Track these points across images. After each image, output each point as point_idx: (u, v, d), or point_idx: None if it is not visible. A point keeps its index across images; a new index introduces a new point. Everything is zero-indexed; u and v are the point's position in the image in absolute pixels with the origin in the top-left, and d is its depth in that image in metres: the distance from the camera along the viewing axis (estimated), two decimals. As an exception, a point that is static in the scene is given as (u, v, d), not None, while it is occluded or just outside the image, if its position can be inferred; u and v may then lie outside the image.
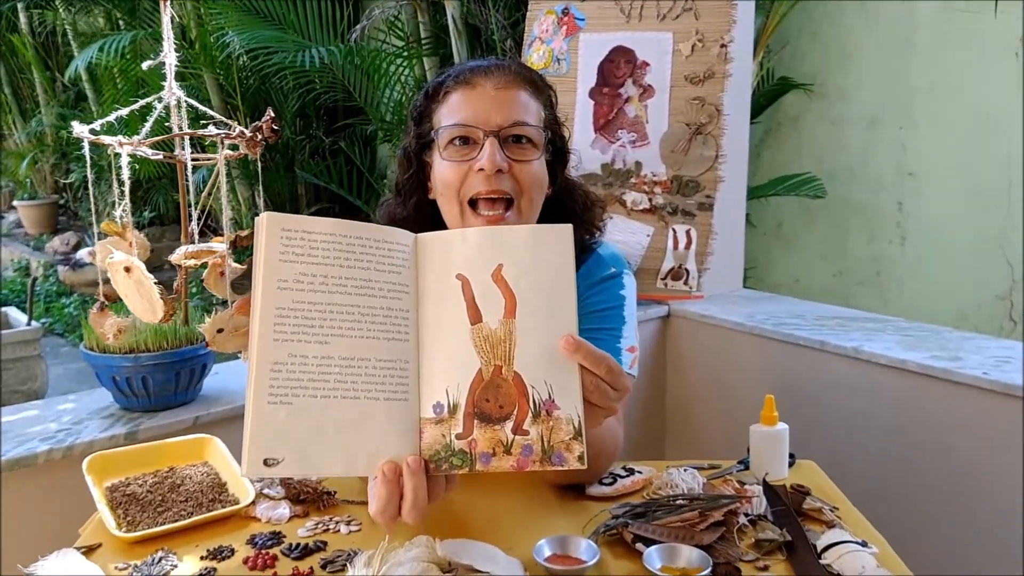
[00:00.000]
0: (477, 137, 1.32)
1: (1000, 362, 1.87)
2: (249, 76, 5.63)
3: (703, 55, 2.30)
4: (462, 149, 1.33)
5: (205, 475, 1.31)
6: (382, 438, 0.99)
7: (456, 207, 1.34)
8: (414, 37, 4.85)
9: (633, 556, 1.10)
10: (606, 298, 1.41)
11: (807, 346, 2.06)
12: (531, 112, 1.35)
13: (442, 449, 1.00)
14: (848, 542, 1.09)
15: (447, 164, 1.34)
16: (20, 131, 9.54)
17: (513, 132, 1.32)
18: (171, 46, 1.36)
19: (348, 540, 1.17)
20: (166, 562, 1.11)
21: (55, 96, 9.16)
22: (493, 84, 1.34)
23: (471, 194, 1.32)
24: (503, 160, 1.30)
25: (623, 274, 1.46)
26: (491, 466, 0.99)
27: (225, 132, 1.35)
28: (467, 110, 1.33)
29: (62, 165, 9.33)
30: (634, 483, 1.28)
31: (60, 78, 8.92)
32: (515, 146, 1.33)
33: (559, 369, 1.00)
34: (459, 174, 1.32)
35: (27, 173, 9.40)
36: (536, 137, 1.34)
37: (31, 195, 9.68)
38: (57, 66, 9.02)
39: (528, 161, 1.33)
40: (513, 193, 1.32)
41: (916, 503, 1.92)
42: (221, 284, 1.27)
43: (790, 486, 1.26)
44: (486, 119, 1.31)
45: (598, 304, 1.40)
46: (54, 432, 1.64)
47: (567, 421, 0.99)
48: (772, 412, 1.29)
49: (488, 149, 1.29)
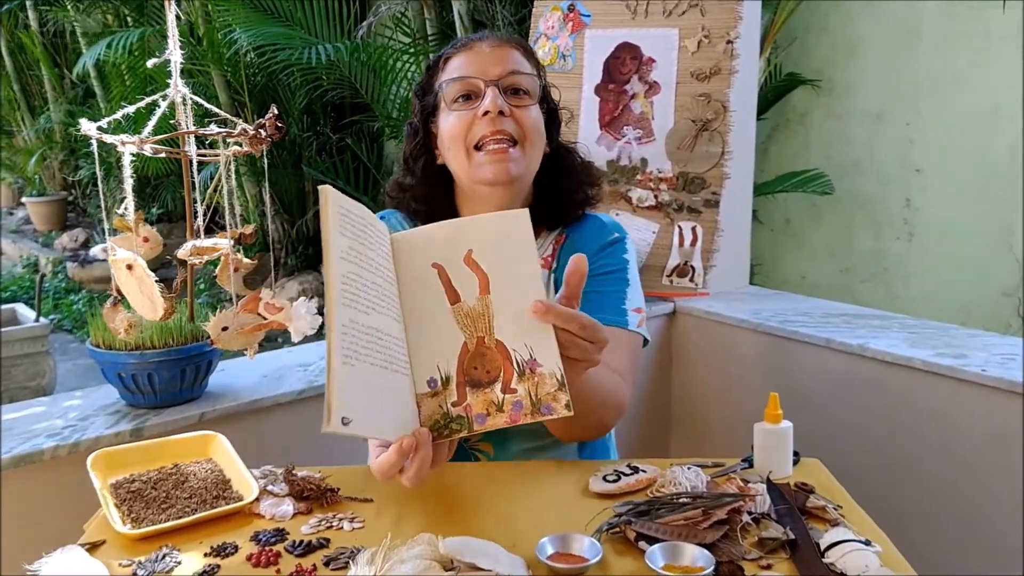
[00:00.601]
0: (478, 89, 1.45)
1: (1006, 359, 1.86)
2: (257, 73, 5.66)
3: (709, 51, 2.29)
4: (465, 103, 1.46)
5: (209, 472, 1.31)
6: (401, 408, 1.09)
7: (463, 154, 1.46)
8: (420, 34, 4.87)
9: (636, 554, 1.10)
10: (611, 262, 1.51)
11: (813, 343, 2.06)
12: (525, 66, 1.49)
13: (441, 418, 1.11)
14: (851, 541, 1.09)
15: (453, 116, 1.46)
16: (29, 128, 9.60)
17: (510, 81, 1.45)
18: (176, 44, 1.36)
19: (351, 537, 1.17)
20: (170, 559, 1.12)
21: (63, 93, 9.21)
22: (488, 44, 1.48)
23: (477, 139, 1.44)
24: (504, 104, 1.43)
25: (625, 239, 1.56)
26: (487, 424, 1.10)
27: (227, 130, 1.36)
28: (467, 67, 1.47)
29: (71, 162, 9.39)
30: (638, 481, 1.28)
31: (68, 75, 8.97)
32: (513, 96, 1.46)
33: (535, 331, 1.11)
34: (465, 123, 1.44)
35: (36, 170, 9.46)
36: (531, 87, 1.48)
37: (40, 192, 9.73)
38: (65, 63, 9.06)
39: (526, 106, 1.46)
40: (516, 135, 1.45)
41: (921, 500, 1.92)
42: (234, 279, 1.28)
43: (794, 484, 1.26)
44: (485, 71, 1.45)
45: (604, 267, 1.50)
46: (60, 429, 1.65)
47: (550, 376, 1.10)
48: (776, 410, 1.29)
49: (490, 95, 1.43)
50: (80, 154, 8.79)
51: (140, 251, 1.27)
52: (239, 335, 1.36)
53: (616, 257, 1.53)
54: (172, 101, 1.35)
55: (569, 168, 1.57)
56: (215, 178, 1.39)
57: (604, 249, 1.52)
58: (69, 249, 8.19)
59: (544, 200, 1.55)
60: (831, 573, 1.04)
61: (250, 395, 1.81)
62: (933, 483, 1.90)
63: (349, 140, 5.76)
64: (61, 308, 6.70)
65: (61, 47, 9.05)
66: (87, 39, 7.54)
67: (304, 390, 1.85)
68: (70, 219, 9.62)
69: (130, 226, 1.26)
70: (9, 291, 7.24)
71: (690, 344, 2.35)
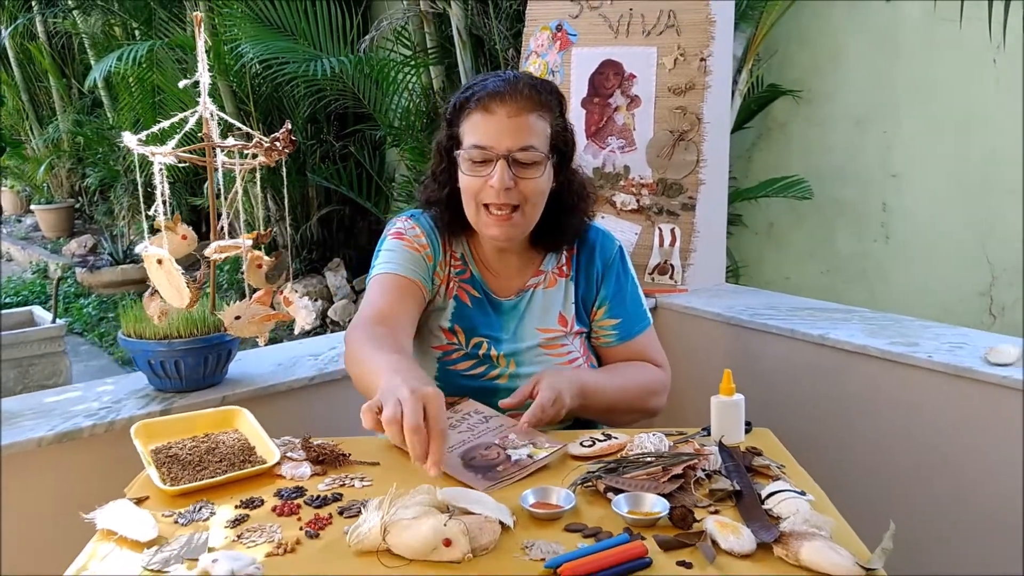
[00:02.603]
0: (491, 158, 1.61)
1: (954, 347, 2.03)
2: (262, 84, 5.81)
3: (684, 68, 2.48)
4: (479, 167, 1.64)
5: (236, 440, 1.50)
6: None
7: (473, 208, 1.67)
8: (420, 47, 5.01)
9: (604, 503, 1.28)
10: (623, 271, 1.86)
11: (778, 334, 2.24)
12: (537, 133, 1.64)
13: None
14: (788, 491, 1.28)
15: (468, 177, 1.65)
16: (37, 137, 9.75)
17: (520, 156, 1.62)
18: (205, 66, 1.55)
19: (361, 493, 1.35)
20: (206, 510, 1.30)
21: (71, 103, 9.36)
22: (506, 111, 1.62)
23: (485, 201, 1.64)
24: (510, 180, 1.61)
25: (620, 244, 1.89)
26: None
27: (245, 143, 1.54)
28: (483, 135, 1.63)
29: (78, 170, 9.53)
30: (611, 446, 1.47)
31: (76, 85, 9.13)
32: (520, 168, 1.62)
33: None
34: (477, 185, 1.64)
35: (44, 178, 9.61)
36: (539, 158, 1.64)
37: (48, 199, 9.89)
38: (73, 73, 9.22)
39: (532, 179, 1.63)
40: (519, 201, 1.64)
41: (877, 477, 2.09)
42: (258, 275, 1.47)
43: (744, 448, 1.45)
44: (498, 143, 1.61)
45: (624, 281, 1.85)
46: (96, 410, 1.83)
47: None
48: (730, 384, 1.48)
49: (498, 171, 1.61)
50: (87, 163, 8.96)
51: (179, 247, 1.46)
52: (250, 323, 1.55)
53: (625, 267, 1.86)
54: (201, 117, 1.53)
55: (570, 205, 1.77)
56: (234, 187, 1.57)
57: (617, 262, 1.85)
58: (78, 255, 8.35)
59: (547, 229, 1.76)
60: (768, 516, 1.23)
61: (266, 381, 1.98)
62: (889, 459, 2.07)
63: (352, 148, 5.92)
64: (72, 312, 6.87)
65: (69, 58, 9.22)
66: (95, 51, 7.72)
67: (315, 377, 2.03)
68: (77, 226, 9.79)
69: (170, 225, 1.44)
70: (21, 295, 7.41)
71: (669, 336, 2.52)
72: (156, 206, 1.48)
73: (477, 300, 1.77)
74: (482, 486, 1.33)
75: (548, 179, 1.68)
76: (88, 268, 7.53)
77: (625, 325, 1.83)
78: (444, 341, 1.74)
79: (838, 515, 1.25)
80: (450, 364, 1.73)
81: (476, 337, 1.73)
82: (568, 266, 1.82)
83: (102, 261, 7.67)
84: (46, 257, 8.72)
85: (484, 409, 1.58)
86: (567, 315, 1.79)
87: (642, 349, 1.86)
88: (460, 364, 1.73)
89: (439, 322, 1.75)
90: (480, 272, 1.78)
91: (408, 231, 1.76)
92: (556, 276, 1.81)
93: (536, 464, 1.40)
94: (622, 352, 1.84)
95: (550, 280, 1.80)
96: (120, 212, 8.29)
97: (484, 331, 1.74)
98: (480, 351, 1.73)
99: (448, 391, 1.68)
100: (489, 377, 1.73)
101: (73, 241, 8.89)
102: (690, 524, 1.20)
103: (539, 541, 1.18)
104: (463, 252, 1.78)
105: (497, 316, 1.77)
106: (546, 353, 1.75)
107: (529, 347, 1.75)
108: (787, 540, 1.13)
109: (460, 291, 1.77)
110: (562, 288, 1.80)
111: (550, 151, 1.67)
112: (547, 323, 1.77)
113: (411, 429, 1.20)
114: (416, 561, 1.13)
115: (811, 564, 1.09)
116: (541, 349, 1.75)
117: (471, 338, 1.73)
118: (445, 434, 1.24)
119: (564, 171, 1.74)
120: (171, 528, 1.26)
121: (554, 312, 1.78)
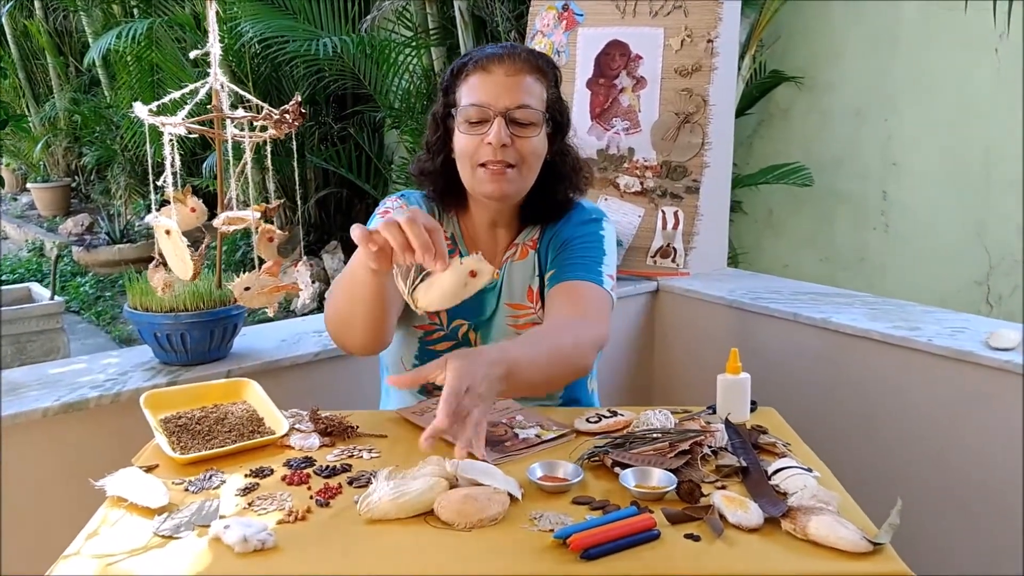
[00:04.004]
0: (488, 116, 1.60)
1: (955, 331, 2.04)
2: (261, 63, 5.79)
3: (691, 50, 2.48)
4: (477, 127, 1.62)
5: (244, 411, 1.50)
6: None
7: (469, 169, 1.65)
8: (422, 28, 5.00)
9: (611, 477, 1.29)
10: (587, 234, 1.71)
11: (781, 317, 2.25)
12: (534, 95, 1.63)
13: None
14: (794, 467, 1.29)
15: (464, 136, 1.62)
16: (34, 115, 9.72)
17: (517, 114, 1.60)
18: (216, 38, 1.54)
19: (369, 464, 1.36)
20: (216, 478, 1.31)
21: (68, 81, 9.32)
22: (504, 71, 1.62)
23: (481, 159, 1.61)
24: (507, 136, 1.59)
25: (602, 220, 1.75)
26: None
27: (254, 114, 1.54)
28: (482, 93, 1.61)
29: (75, 149, 9.51)
30: (616, 423, 1.48)
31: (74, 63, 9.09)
32: (517, 127, 1.61)
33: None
34: (473, 144, 1.62)
35: (40, 156, 9.58)
36: (536, 117, 1.62)
37: (44, 178, 9.87)
38: (71, 51, 9.18)
39: (528, 138, 1.61)
40: (515, 161, 1.62)
41: (877, 459, 2.10)
42: (269, 248, 1.47)
43: (750, 426, 1.46)
44: (496, 100, 1.60)
45: (580, 239, 1.70)
46: (102, 381, 1.83)
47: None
48: (736, 363, 1.48)
49: (495, 127, 1.59)
50: (84, 141, 8.93)
51: (188, 219, 1.46)
52: (259, 295, 1.55)
53: (593, 231, 1.73)
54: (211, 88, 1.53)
55: (560, 175, 1.73)
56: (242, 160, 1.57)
57: (582, 225, 1.74)
58: (74, 234, 8.34)
59: (534, 201, 1.73)
60: (775, 492, 1.24)
61: (271, 356, 1.99)
62: (887, 444, 2.09)
63: (351, 130, 5.90)
64: (68, 290, 6.86)
65: (66, 36, 9.17)
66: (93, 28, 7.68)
67: (319, 352, 2.03)
68: (74, 205, 9.77)
69: (180, 197, 1.44)
70: (17, 273, 7.40)
71: (671, 319, 2.54)
72: (165, 176, 1.48)
73: None
74: (490, 458, 1.34)
75: (543, 143, 1.66)
76: (85, 247, 7.52)
77: (562, 270, 1.67)
78: (427, 321, 1.72)
79: (843, 491, 1.26)
80: (430, 344, 1.72)
81: (458, 319, 1.72)
82: (539, 239, 1.76)
83: (99, 240, 7.66)
84: (42, 236, 8.70)
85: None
86: (534, 287, 1.74)
87: (576, 294, 1.63)
88: (440, 345, 1.72)
89: None
90: (469, 251, 1.78)
91: (396, 211, 1.74)
92: (528, 248, 1.75)
93: (543, 444, 1.40)
94: (552, 295, 1.66)
95: (521, 252, 1.75)
96: (117, 191, 8.27)
97: (466, 314, 1.71)
98: (460, 332, 1.72)
99: None
100: None
101: (69, 220, 8.86)
102: (697, 499, 1.21)
103: (547, 512, 1.19)
104: (453, 232, 1.76)
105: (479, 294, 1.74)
106: (516, 332, 1.71)
107: (499, 323, 1.72)
108: (795, 515, 1.14)
109: None
110: (532, 260, 1.75)
111: (546, 116, 1.66)
112: (515, 298, 1.73)
113: (407, 220, 1.20)
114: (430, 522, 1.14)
115: (819, 538, 1.10)
116: (509, 328, 1.72)
117: (453, 319, 1.72)
118: (441, 230, 1.22)
119: (558, 142, 1.71)
120: (181, 495, 1.26)
121: (523, 286, 1.74)
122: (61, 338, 4.35)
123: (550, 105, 1.67)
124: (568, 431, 1.45)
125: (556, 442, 1.42)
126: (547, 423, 1.47)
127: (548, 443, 1.41)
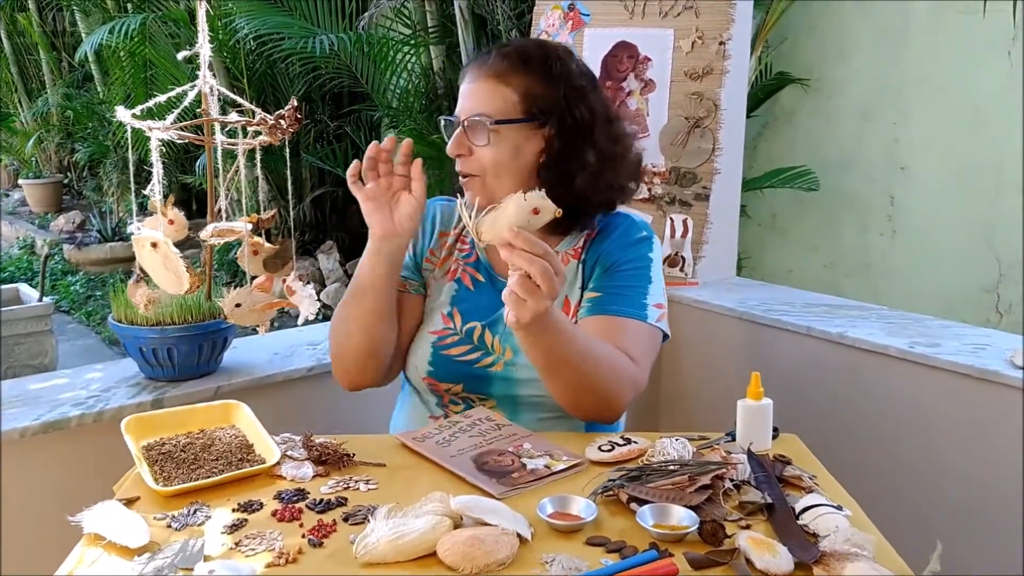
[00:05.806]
0: (454, 127, 1.59)
1: (977, 348, 1.96)
2: (256, 60, 5.71)
3: (702, 52, 2.39)
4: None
5: (233, 437, 1.41)
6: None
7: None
8: (421, 26, 4.93)
9: (627, 515, 1.20)
10: (636, 257, 1.62)
11: (794, 331, 2.16)
12: (492, 100, 1.56)
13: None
14: (824, 505, 1.20)
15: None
16: (26, 110, 9.63)
17: (467, 124, 1.56)
18: (206, 38, 1.46)
19: (367, 497, 1.27)
20: (201, 513, 1.22)
21: (61, 76, 9.24)
22: (469, 78, 1.60)
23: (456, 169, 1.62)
24: (458, 147, 1.57)
25: (652, 239, 1.66)
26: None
27: (247, 119, 1.45)
28: (458, 102, 1.61)
29: (67, 145, 9.41)
30: (630, 451, 1.39)
31: (67, 58, 9.00)
32: (472, 134, 1.57)
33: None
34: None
35: (32, 152, 9.49)
36: (487, 126, 1.54)
37: (36, 174, 9.78)
38: (64, 46, 9.09)
39: (479, 146, 1.56)
40: (477, 171, 1.58)
41: (897, 482, 2.02)
42: (254, 262, 1.37)
43: (773, 456, 1.37)
44: (460, 111, 1.59)
45: (629, 264, 1.61)
46: (84, 399, 1.75)
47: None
48: (758, 388, 1.40)
49: (453, 139, 1.58)
50: (77, 137, 8.83)
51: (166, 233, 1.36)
52: (251, 312, 1.45)
53: (641, 254, 1.63)
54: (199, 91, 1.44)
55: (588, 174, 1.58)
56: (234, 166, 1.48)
57: (631, 246, 1.63)
58: (66, 231, 8.24)
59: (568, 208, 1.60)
60: (804, 533, 1.15)
61: (263, 370, 1.91)
62: (907, 462, 2.01)
63: (348, 128, 5.82)
64: (59, 289, 6.76)
65: (59, 31, 9.08)
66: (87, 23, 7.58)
67: (313, 367, 1.95)
68: (65, 201, 9.68)
69: (163, 210, 1.35)
70: (7, 271, 7.29)
71: (679, 330, 2.44)
72: (152, 185, 1.39)
73: (480, 284, 1.67)
74: (496, 491, 1.25)
75: (510, 149, 1.55)
76: (76, 245, 7.43)
77: (605, 299, 1.59)
78: (441, 326, 1.65)
79: (877, 531, 1.18)
80: (444, 348, 1.63)
81: (471, 321, 1.63)
82: (583, 249, 1.66)
83: (90, 238, 7.57)
84: (33, 232, 8.60)
85: (496, 417, 1.50)
86: (572, 300, 1.64)
87: (617, 331, 1.55)
88: (454, 349, 1.63)
89: (439, 308, 1.66)
90: (488, 255, 1.69)
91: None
92: (570, 257, 1.66)
93: (553, 476, 1.32)
94: (590, 324, 1.57)
95: (561, 260, 1.63)
96: (109, 188, 8.18)
97: (481, 315, 1.63)
98: (475, 335, 1.63)
99: (442, 376, 1.63)
100: (483, 364, 1.61)
101: (61, 217, 8.77)
102: (721, 540, 1.13)
103: (560, 555, 1.10)
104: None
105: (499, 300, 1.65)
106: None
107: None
108: (828, 561, 1.05)
109: (464, 274, 1.68)
110: (572, 270, 1.65)
111: (525, 116, 1.55)
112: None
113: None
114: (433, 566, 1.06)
115: (855, 588, 1.01)
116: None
117: (467, 322, 1.64)
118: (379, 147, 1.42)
119: (565, 137, 1.57)
120: (163, 532, 1.17)
121: (559, 297, 1.60)
122: (49, 341, 4.25)
123: (533, 101, 1.55)
124: (579, 461, 1.36)
125: (566, 473, 1.33)
126: (556, 452, 1.38)
127: (558, 474, 1.32)
